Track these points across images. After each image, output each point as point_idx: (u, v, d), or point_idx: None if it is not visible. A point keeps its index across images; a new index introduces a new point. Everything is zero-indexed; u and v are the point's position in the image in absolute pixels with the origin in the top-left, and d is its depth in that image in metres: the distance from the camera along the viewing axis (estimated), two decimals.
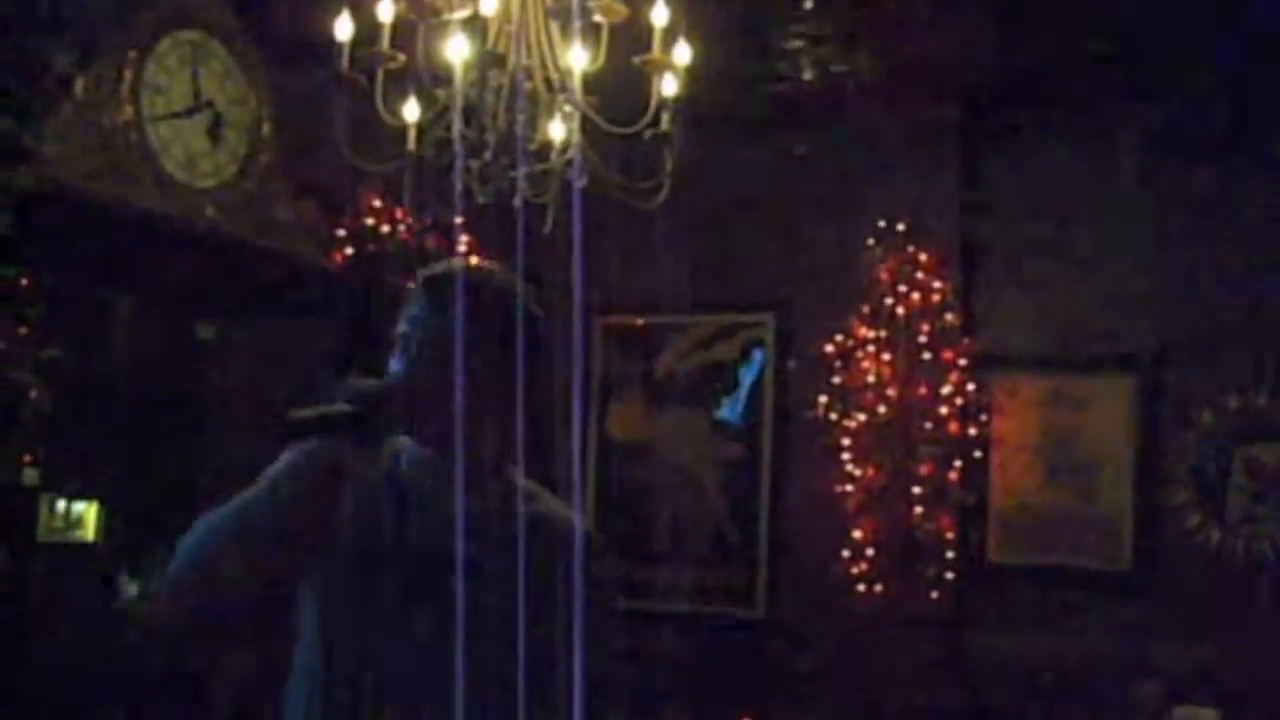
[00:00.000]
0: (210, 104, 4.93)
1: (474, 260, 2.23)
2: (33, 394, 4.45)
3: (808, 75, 4.88)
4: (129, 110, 4.61)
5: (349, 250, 5.46)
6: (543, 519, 2.14)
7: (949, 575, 5.72)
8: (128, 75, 4.62)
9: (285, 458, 2.06)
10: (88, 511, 5.78)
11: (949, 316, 5.88)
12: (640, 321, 6.64)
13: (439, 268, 2.21)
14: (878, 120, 5.92)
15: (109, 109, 4.56)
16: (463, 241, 5.41)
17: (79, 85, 4.44)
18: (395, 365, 2.12)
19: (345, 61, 3.09)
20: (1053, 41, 5.40)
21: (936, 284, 5.88)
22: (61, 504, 5.74)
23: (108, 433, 5.70)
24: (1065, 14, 5.18)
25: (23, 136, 4.04)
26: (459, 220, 5.02)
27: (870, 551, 5.75)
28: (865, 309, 5.92)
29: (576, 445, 5.81)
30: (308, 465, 2.02)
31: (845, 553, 5.77)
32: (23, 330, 4.44)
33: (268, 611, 2.16)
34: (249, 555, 2.03)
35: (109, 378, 5.80)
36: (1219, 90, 5.55)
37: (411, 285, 2.18)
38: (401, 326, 2.13)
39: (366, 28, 3.19)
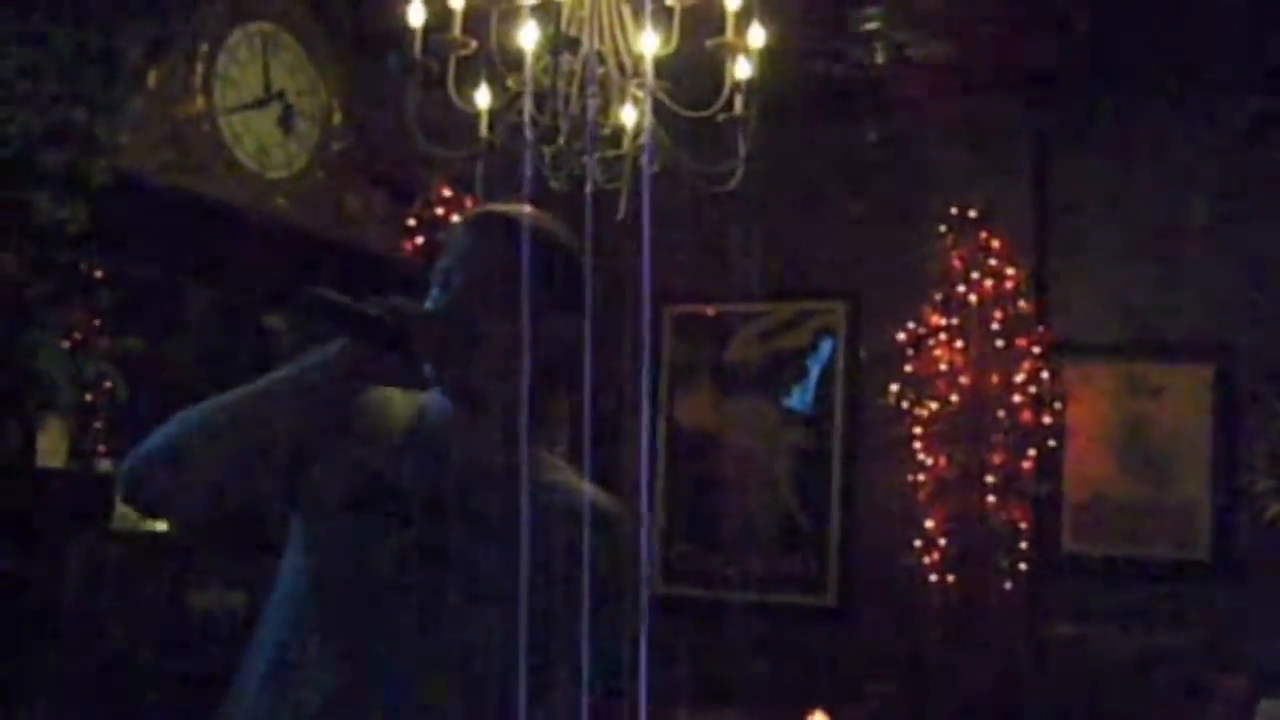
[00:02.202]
0: (281, 95, 4.96)
1: (527, 207, 2.04)
2: (108, 384, 4.50)
3: (881, 60, 4.84)
4: (201, 102, 4.65)
5: (419, 240, 5.47)
6: (563, 494, 1.96)
7: (1022, 565, 5.67)
8: (199, 67, 4.66)
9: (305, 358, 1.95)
10: None
11: (1022, 304, 5.81)
12: (710, 310, 6.61)
13: (490, 207, 2.08)
14: (951, 105, 5.86)
15: (181, 101, 4.60)
16: None
17: (152, 78, 4.48)
18: (431, 298, 1.98)
19: (418, 48, 3.08)
20: (1130, 26, 5.32)
21: (1009, 271, 5.82)
22: None
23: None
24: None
25: (96, 128, 4.06)
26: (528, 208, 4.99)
27: (942, 541, 5.70)
28: (937, 296, 5.86)
29: (645, 434, 5.80)
30: (327, 366, 1.91)
31: (917, 542, 5.72)
32: (98, 321, 4.49)
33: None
34: (241, 445, 1.90)
35: (180, 369, 5.85)
36: None
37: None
38: (444, 262, 2.00)
39: (438, 14, 3.18)
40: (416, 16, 3.08)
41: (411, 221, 5.49)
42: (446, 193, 5.52)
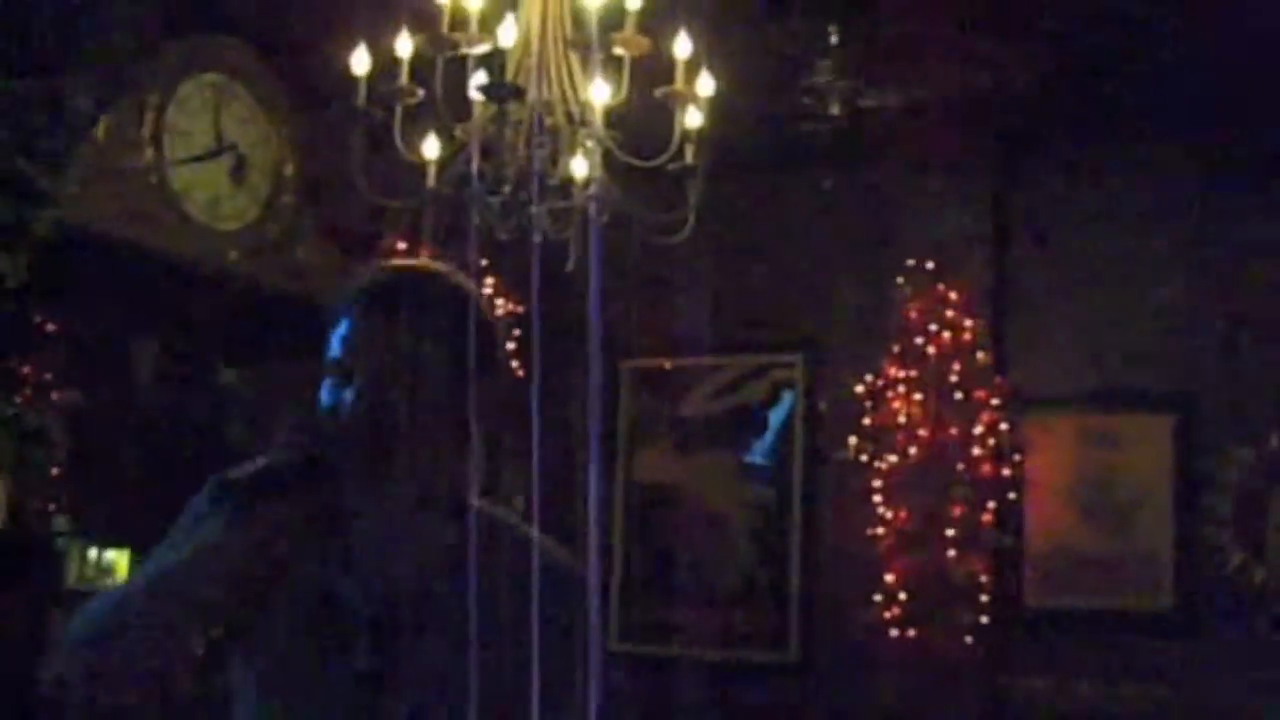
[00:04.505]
0: (233, 146, 4.92)
1: (413, 260, 1.86)
2: (54, 440, 4.43)
3: (835, 110, 4.83)
4: (150, 153, 4.60)
5: None
6: (523, 552, 1.82)
7: (984, 619, 5.61)
8: (149, 118, 4.61)
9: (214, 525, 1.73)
10: (119, 559, 5.76)
11: (980, 355, 5.79)
12: (667, 364, 6.57)
13: (373, 273, 1.88)
14: (907, 156, 5.85)
15: (130, 152, 4.55)
16: (487, 283, 5.36)
17: (100, 128, 4.42)
18: (328, 397, 1.75)
19: (362, 96, 3.04)
20: (1089, 75, 5.33)
21: (968, 323, 5.79)
22: (94, 552, 5.71)
23: (136, 479, 5.67)
24: (1101, 47, 5.11)
25: (42, 179, 4.01)
26: (483, 261, 4.96)
27: (903, 595, 5.64)
28: (896, 349, 5.83)
29: (592, 492, 5.74)
30: (243, 539, 1.70)
31: (878, 596, 5.67)
32: (47, 376, 4.42)
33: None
34: (176, 625, 1.68)
35: (132, 423, 5.77)
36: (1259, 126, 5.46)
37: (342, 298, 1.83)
38: (334, 351, 1.77)
39: (385, 63, 3.14)
40: (361, 64, 3.04)
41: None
42: (401, 245, 5.47)
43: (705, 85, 3.11)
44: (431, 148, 3.24)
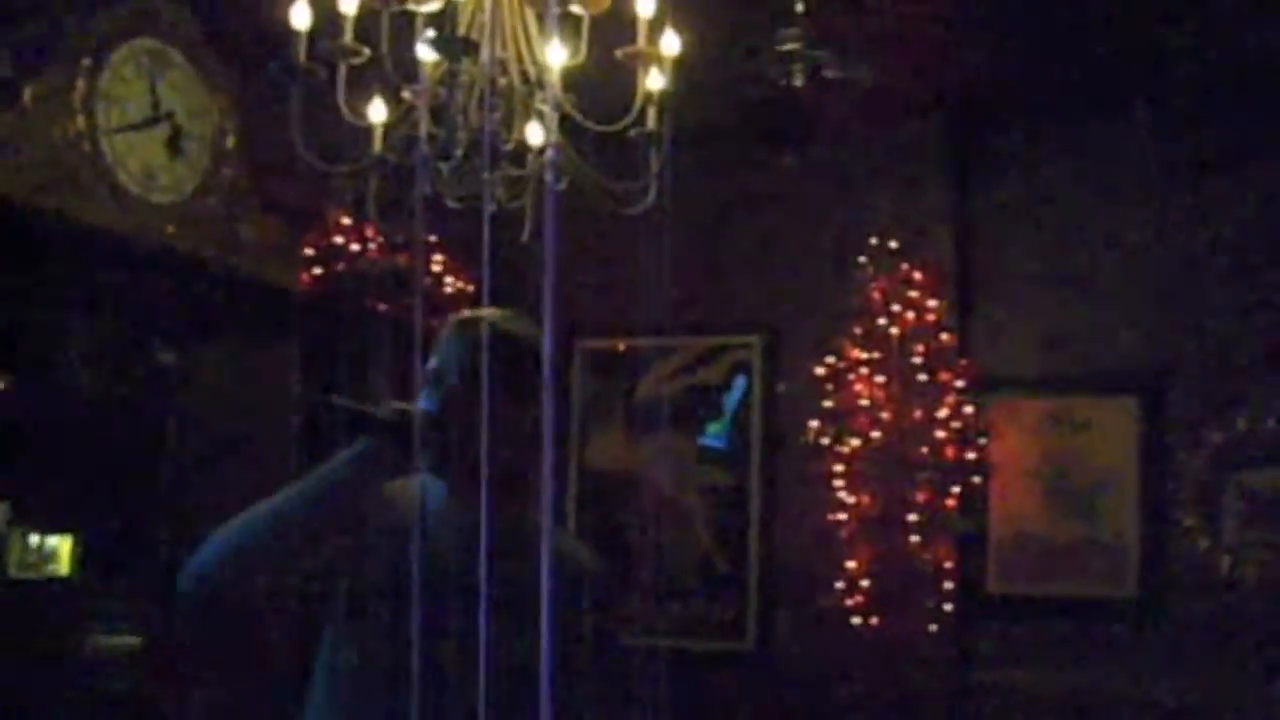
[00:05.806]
0: (170, 115, 4.70)
1: (505, 311, 2.35)
2: None
3: (799, 83, 4.68)
4: (81, 121, 4.37)
5: (317, 270, 5.23)
6: (561, 561, 2.24)
7: (948, 606, 5.51)
8: (80, 84, 4.38)
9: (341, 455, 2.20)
10: (62, 545, 5.60)
11: (944, 337, 5.68)
12: (621, 345, 6.41)
13: (469, 315, 2.41)
14: (870, 133, 5.72)
15: (60, 119, 4.32)
16: (436, 260, 5.18)
17: (26, 94, 4.20)
18: (425, 402, 2.25)
19: (302, 53, 2.84)
20: (1051, 54, 5.23)
21: (931, 303, 5.68)
22: (35, 538, 5.56)
23: (77, 464, 5.50)
24: (1063, 27, 5.00)
25: None
26: (428, 234, 4.78)
27: (866, 582, 5.54)
28: (857, 330, 5.71)
29: (548, 473, 5.58)
30: (353, 462, 2.17)
31: (840, 583, 5.55)
32: None
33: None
34: (287, 539, 2.15)
35: (67, 407, 5.58)
36: (1214, 106, 5.37)
37: (445, 325, 2.37)
38: (433, 363, 2.30)
39: (328, 20, 2.94)
40: (301, 18, 2.83)
41: (309, 250, 5.24)
42: (346, 220, 5.29)
43: (670, 44, 2.93)
44: (377, 111, 3.05)
